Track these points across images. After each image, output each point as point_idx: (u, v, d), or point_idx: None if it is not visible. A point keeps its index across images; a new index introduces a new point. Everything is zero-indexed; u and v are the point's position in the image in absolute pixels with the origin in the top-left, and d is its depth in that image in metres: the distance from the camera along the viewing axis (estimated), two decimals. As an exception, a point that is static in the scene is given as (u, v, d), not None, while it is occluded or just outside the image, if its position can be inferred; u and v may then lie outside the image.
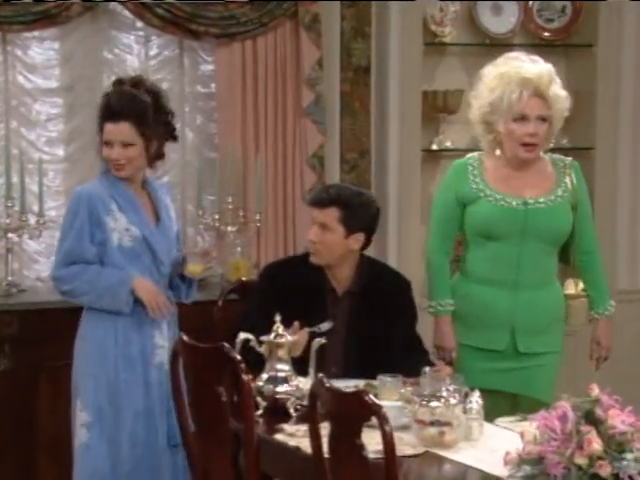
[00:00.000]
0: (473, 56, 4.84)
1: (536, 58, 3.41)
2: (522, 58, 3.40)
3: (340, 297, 3.32)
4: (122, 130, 3.31)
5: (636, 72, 4.95)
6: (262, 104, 4.52)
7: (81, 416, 3.29)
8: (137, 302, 3.33)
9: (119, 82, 3.40)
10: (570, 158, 3.50)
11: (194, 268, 3.50)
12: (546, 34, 4.90)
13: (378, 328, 3.28)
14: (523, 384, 3.37)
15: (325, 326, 3.17)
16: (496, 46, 4.83)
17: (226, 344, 2.80)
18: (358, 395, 2.33)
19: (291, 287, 3.27)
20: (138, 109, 3.33)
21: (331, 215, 3.27)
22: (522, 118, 3.33)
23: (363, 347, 3.27)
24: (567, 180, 3.42)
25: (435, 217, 3.52)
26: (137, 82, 3.40)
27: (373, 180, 4.73)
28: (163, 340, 3.35)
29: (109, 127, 3.32)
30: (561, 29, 4.92)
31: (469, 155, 3.52)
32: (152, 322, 3.35)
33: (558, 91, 3.36)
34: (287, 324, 3.05)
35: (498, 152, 3.44)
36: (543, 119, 3.33)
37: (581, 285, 3.56)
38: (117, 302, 3.30)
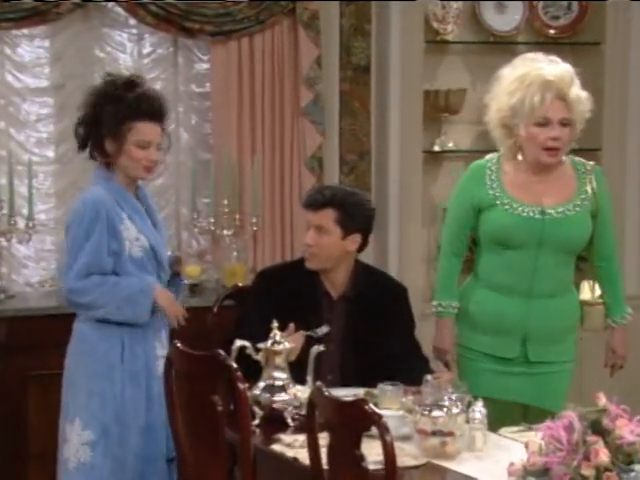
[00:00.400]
0: (476, 54, 4.86)
1: (555, 59, 3.38)
2: (540, 59, 3.37)
3: (335, 302, 3.33)
4: (159, 132, 3.30)
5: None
6: (259, 104, 4.53)
7: (83, 435, 3.23)
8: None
9: (132, 82, 3.33)
10: (592, 162, 3.48)
11: (192, 270, 3.48)
12: (552, 32, 4.91)
13: (374, 334, 3.29)
14: (532, 390, 3.38)
15: (322, 330, 3.17)
16: (500, 44, 4.86)
17: (221, 351, 2.79)
18: (358, 404, 2.33)
19: (286, 292, 3.28)
20: (167, 112, 3.36)
21: (327, 216, 3.27)
22: (544, 122, 3.30)
23: (360, 353, 3.27)
24: (588, 187, 3.40)
25: (448, 219, 3.54)
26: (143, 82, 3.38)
27: (373, 182, 4.74)
28: (163, 350, 3.31)
29: (148, 127, 3.27)
30: (567, 26, 4.92)
31: (488, 157, 3.50)
32: (154, 333, 3.33)
33: (579, 92, 3.33)
34: (283, 329, 3.05)
35: (520, 157, 3.41)
36: (565, 123, 3.30)
37: (598, 291, 3.57)
38: (138, 312, 3.25)
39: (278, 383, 2.99)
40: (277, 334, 3.02)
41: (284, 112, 4.56)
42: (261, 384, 2.98)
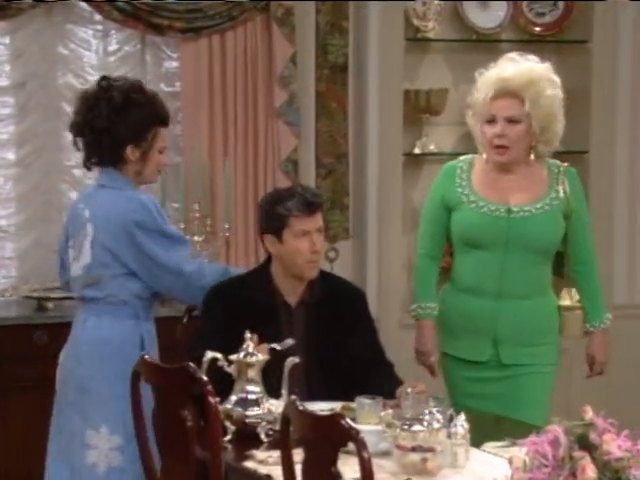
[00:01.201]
0: (458, 53, 4.88)
1: (532, 58, 3.47)
2: (516, 58, 3.47)
3: (293, 310, 3.33)
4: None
5: (633, 70, 4.99)
6: (231, 104, 4.53)
7: (111, 440, 3.28)
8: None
9: (140, 86, 3.45)
10: (566, 164, 3.55)
11: None
12: (537, 29, 4.94)
13: (336, 341, 3.29)
14: (508, 394, 3.42)
15: (286, 344, 3.17)
16: (483, 42, 4.88)
17: (191, 364, 2.79)
18: (334, 419, 2.33)
19: (240, 304, 3.27)
20: None
21: (321, 218, 3.31)
22: (492, 119, 3.43)
23: (323, 362, 3.28)
24: (559, 187, 3.47)
25: (423, 219, 3.63)
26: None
27: (351, 186, 4.75)
28: None
29: (166, 133, 3.44)
30: (553, 24, 4.95)
31: (462, 157, 3.60)
32: None
33: (541, 91, 3.40)
34: (239, 343, 3.04)
35: (485, 155, 3.52)
36: (513, 120, 3.40)
37: (577, 296, 3.60)
38: None
39: (251, 397, 2.98)
40: (250, 345, 3.02)
41: (257, 113, 4.56)
42: (233, 398, 2.98)
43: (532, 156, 3.45)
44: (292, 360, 3.01)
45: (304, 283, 3.33)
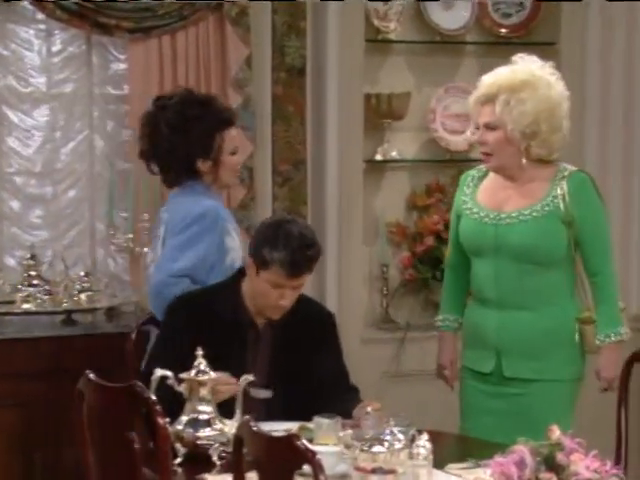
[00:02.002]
0: (421, 55, 4.91)
1: (531, 59, 3.54)
2: (516, 60, 3.54)
3: (260, 330, 3.33)
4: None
5: (602, 72, 5.04)
6: (182, 108, 4.52)
7: None
8: None
9: (193, 98, 3.67)
10: (574, 168, 3.56)
11: None
12: (503, 30, 4.98)
13: (301, 365, 3.31)
14: (513, 411, 3.48)
15: (263, 394, 3.18)
16: (447, 44, 4.91)
17: (139, 383, 2.77)
18: (288, 440, 2.33)
19: (205, 319, 3.27)
20: None
21: (305, 277, 3.30)
22: (477, 126, 3.57)
23: (286, 387, 3.28)
24: (558, 192, 3.49)
25: (450, 230, 3.76)
26: None
27: (309, 195, 4.74)
28: None
29: (234, 132, 3.65)
30: (519, 25, 4.99)
31: (481, 166, 3.67)
32: None
33: (516, 94, 3.44)
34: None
35: None
36: (491, 127, 3.48)
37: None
38: None
39: (203, 417, 2.97)
40: (202, 363, 3.01)
41: (211, 117, 4.56)
42: (184, 418, 2.97)
43: (524, 160, 3.48)
44: (246, 378, 3.00)
45: None
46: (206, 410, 2.98)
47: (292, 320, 3.32)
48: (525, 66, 3.51)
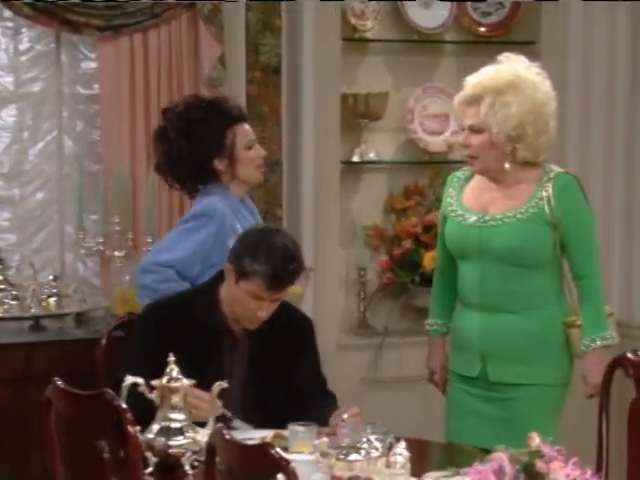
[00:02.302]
0: (399, 54, 4.91)
1: (517, 59, 3.55)
2: (501, 60, 3.55)
3: (238, 337, 3.32)
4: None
5: (583, 73, 5.07)
6: (154, 108, 4.50)
7: None
8: None
9: (195, 101, 3.78)
10: (561, 170, 3.57)
11: (296, 289, 3.62)
12: (482, 29, 4.99)
13: (278, 373, 3.31)
14: (498, 418, 3.49)
15: (237, 425, 3.18)
16: (425, 43, 4.92)
17: (109, 390, 2.76)
18: (262, 448, 2.33)
19: (181, 328, 3.26)
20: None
21: (285, 291, 3.28)
22: (463, 128, 3.56)
23: (263, 396, 3.28)
24: (543, 194, 3.50)
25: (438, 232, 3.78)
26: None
27: (285, 197, 4.74)
28: None
29: (246, 127, 3.71)
30: (499, 24, 5.01)
31: (467, 167, 3.67)
32: None
33: (501, 96, 3.44)
34: (180, 370, 3.02)
35: None
36: (474, 129, 3.48)
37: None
38: None
39: (175, 425, 2.96)
40: (174, 369, 3.00)
41: (183, 117, 4.55)
42: (155, 427, 2.96)
43: (507, 165, 3.49)
44: (219, 385, 3.00)
45: None
46: (178, 418, 2.97)
47: (269, 326, 3.31)
48: (510, 67, 3.51)
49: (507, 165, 3.49)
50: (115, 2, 4.39)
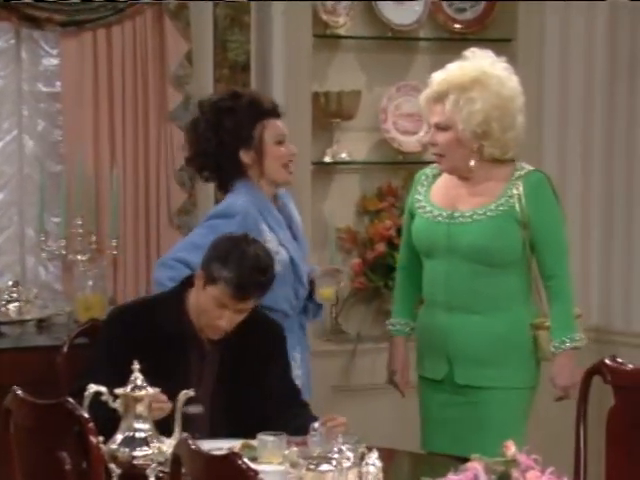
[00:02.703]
0: (372, 51, 4.92)
1: (481, 54, 3.60)
2: (467, 56, 3.59)
3: (205, 345, 3.31)
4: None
5: (561, 71, 5.10)
6: (119, 107, 4.50)
7: None
8: None
9: (229, 93, 3.81)
10: (531, 168, 3.61)
11: (327, 291, 3.69)
12: (457, 26, 5.01)
13: (248, 381, 3.30)
14: (467, 421, 3.51)
15: (193, 409, 3.16)
16: (399, 39, 4.93)
17: (70, 399, 2.75)
18: (228, 458, 2.32)
19: (146, 334, 3.25)
20: None
21: (252, 301, 3.28)
22: (430, 126, 3.63)
23: (234, 400, 3.28)
24: (514, 192, 3.52)
25: (403, 231, 3.80)
26: None
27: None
28: (297, 369, 3.62)
29: (278, 122, 3.73)
30: (474, 21, 5.02)
31: (435, 164, 3.71)
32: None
33: (465, 93, 3.48)
34: (146, 379, 3.01)
35: None
36: (440, 127, 3.53)
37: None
38: None
39: (139, 435, 2.95)
40: (138, 378, 2.99)
41: (149, 117, 4.54)
42: (119, 437, 2.95)
43: (472, 162, 3.53)
44: (186, 393, 2.99)
45: None
46: (143, 428, 2.96)
47: (239, 332, 3.31)
48: (476, 62, 3.56)
49: (472, 163, 3.52)
50: (77, -3, 4.39)
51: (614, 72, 5.10)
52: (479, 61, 3.56)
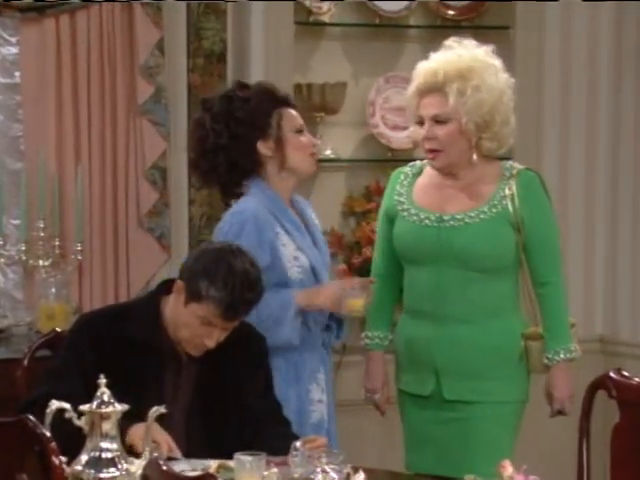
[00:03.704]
0: (359, 40, 4.93)
1: (468, 43, 3.59)
2: (452, 45, 3.58)
3: (182, 358, 3.31)
4: None
5: (562, 61, 5.11)
6: (84, 99, 4.51)
7: None
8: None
9: (238, 84, 3.76)
10: (521, 167, 3.64)
11: (356, 302, 3.59)
12: (450, 12, 5.01)
13: (228, 394, 3.30)
14: (456, 439, 3.51)
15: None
16: (387, 27, 4.94)
17: (31, 417, 2.74)
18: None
19: (115, 345, 3.24)
20: None
21: (239, 320, 3.28)
22: (421, 120, 3.58)
23: (211, 422, 3.28)
24: (506, 192, 3.53)
25: (377, 236, 3.79)
26: None
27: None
28: (320, 394, 3.63)
29: (294, 112, 3.70)
30: (469, 7, 5.03)
31: (413, 162, 3.73)
32: (310, 373, 3.60)
33: (468, 82, 3.50)
34: (114, 394, 3.01)
35: None
36: (440, 120, 3.52)
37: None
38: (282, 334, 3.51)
39: (106, 455, 2.93)
40: (105, 393, 2.98)
41: (117, 110, 4.55)
42: (84, 457, 2.94)
43: (474, 156, 3.54)
44: (157, 410, 2.98)
45: None
46: (110, 447, 2.94)
47: (218, 345, 3.29)
48: (469, 51, 3.57)
49: (475, 156, 3.53)
50: (39, -21, 4.39)
51: (620, 64, 5.11)
52: (471, 49, 3.56)
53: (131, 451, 3.00)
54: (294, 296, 3.55)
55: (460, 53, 3.55)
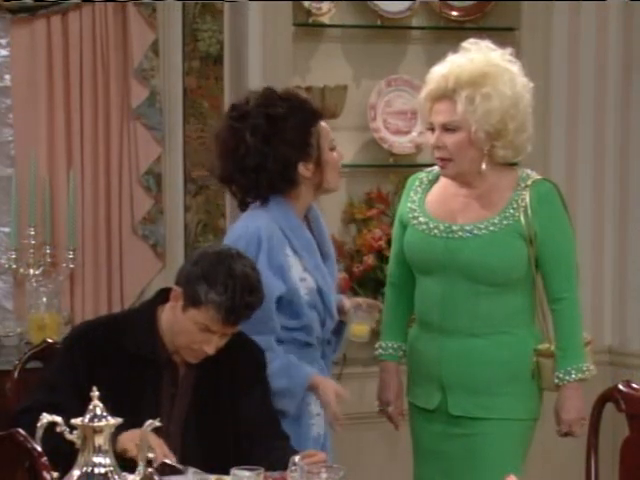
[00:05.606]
0: (360, 42, 4.93)
1: (485, 45, 3.58)
2: (469, 48, 3.57)
3: (179, 369, 3.31)
4: None
5: (570, 63, 5.12)
6: (76, 103, 4.51)
7: None
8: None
9: (272, 95, 3.63)
10: (538, 177, 3.60)
11: (360, 328, 3.64)
12: (454, 13, 5.02)
13: (226, 406, 3.30)
14: (462, 456, 3.51)
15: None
16: (389, 29, 4.94)
17: (21, 430, 2.74)
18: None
19: (110, 356, 3.24)
20: None
21: (238, 326, 3.28)
22: (431, 127, 3.56)
23: (207, 436, 3.28)
24: (519, 203, 3.53)
25: (392, 241, 3.78)
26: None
27: (228, 205, 4.74)
28: (318, 408, 3.59)
29: (324, 125, 3.61)
30: (473, 7, 5.03)
31: (431, 168, 3.70)
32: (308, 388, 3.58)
33: (478, 89, 3.47)
34: (109, 406, 3.01)
35: None
36: (449, 128, 3.50)
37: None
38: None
39: (99, 470, 2.93)
40: (98, 406, 2.98)
41: (110, 114, 4.55)
42: (76, 472, 2.94)
43: (484, 165, 3.52)
44: (151, 423, 2.98)
45: None
46: (103, 462, 2.94)
47: (216, 356, 3.30)
48: (483, 55, 3.54)
49: (484, 166, 3.52)
50: (30, -21, 4.40)
51: (629, 64, 5.12)
52: (486, 53, 3.54)
53: (123, 457, 2.99)
54: (310, 375, 3.54)
55: (473, 57, 3.52)
